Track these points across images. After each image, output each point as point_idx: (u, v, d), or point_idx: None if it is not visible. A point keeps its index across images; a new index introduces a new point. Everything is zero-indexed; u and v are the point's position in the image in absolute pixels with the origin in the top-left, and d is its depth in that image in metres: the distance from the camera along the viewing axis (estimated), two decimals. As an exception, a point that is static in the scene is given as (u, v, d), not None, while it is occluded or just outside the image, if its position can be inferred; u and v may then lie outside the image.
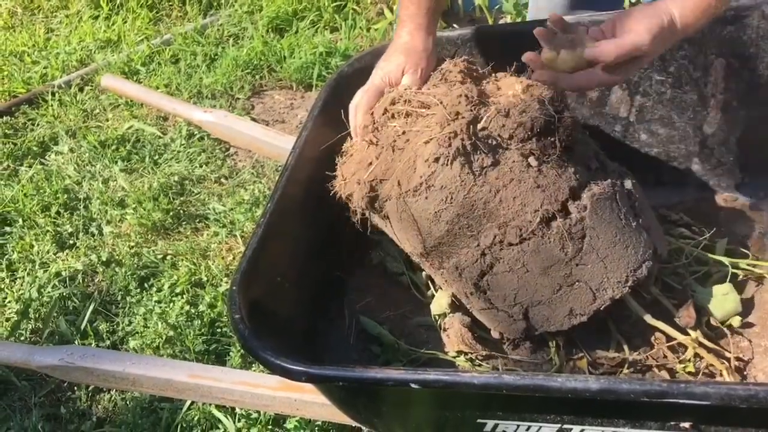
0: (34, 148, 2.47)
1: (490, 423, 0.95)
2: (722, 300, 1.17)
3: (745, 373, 1.15)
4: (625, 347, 1.16)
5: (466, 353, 1.19)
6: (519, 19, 2.51)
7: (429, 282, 1.32)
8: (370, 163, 1.16)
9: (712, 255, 1.25)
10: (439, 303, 1.25)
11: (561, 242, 1.06)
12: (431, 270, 1.18)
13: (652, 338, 1.16)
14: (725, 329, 1.18)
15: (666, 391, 0.79)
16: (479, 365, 1.18)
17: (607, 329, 1.19)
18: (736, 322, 1.19)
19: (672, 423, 0.86)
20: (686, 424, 0.85)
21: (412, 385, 0.87)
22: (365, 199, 1.16)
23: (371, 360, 1.25)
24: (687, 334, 1.14)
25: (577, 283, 1.08)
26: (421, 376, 0.87)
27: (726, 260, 1.24)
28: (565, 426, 0.91)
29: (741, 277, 1.24)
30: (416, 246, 1.14)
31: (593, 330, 1.15)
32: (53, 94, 2.68)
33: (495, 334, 1.19)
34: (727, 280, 1.21)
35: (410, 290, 1.33)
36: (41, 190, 2.24)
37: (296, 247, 1.26)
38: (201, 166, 2.33)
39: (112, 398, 1.66)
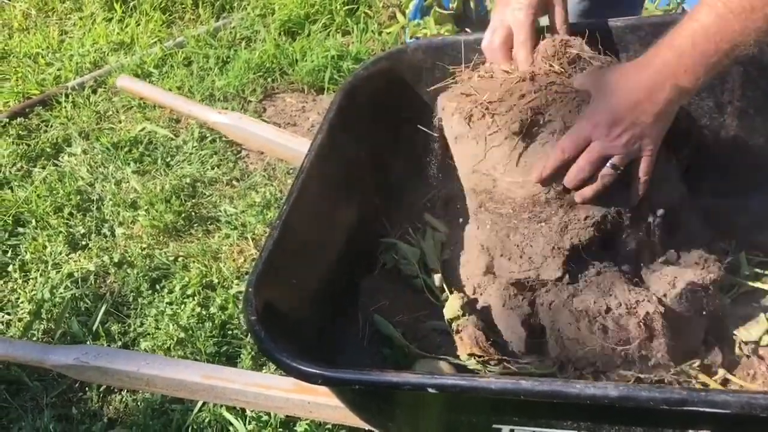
0: (48, 150, 2.49)
1: (506, 428, 0.94)
2: (752, 326, 1.15)
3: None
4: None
5: (478, 356, 1.18)
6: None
7: (443, 285, 1.31)
8: (517, 94, 1.12)
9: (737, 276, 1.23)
10: (452, 306, 1.24)
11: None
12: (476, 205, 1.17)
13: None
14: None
15: (686, 399, 0.78)
16: (491, 370, 1.18)
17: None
18: (765, 340, 1.16)
19: (690, 431, 0.86)
20: (705, 432, 0.85)
21: (429, 390, 0.87)
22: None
23: (383, 363, 1.24)
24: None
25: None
26: (438, 381, 0.87)
27: (754, 284, 1.21)
28: (582, 432, 0.91)
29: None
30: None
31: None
32: (67, 95, 2.70)
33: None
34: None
35: (424, 294, 1.33)
36: (54, 192, 2.26)
37: (311, 249, 1.25)
38: (213, 169, 2.34)
39: (123, 399, 1.66)
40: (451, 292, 1.29)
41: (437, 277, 1.32)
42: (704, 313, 1.07)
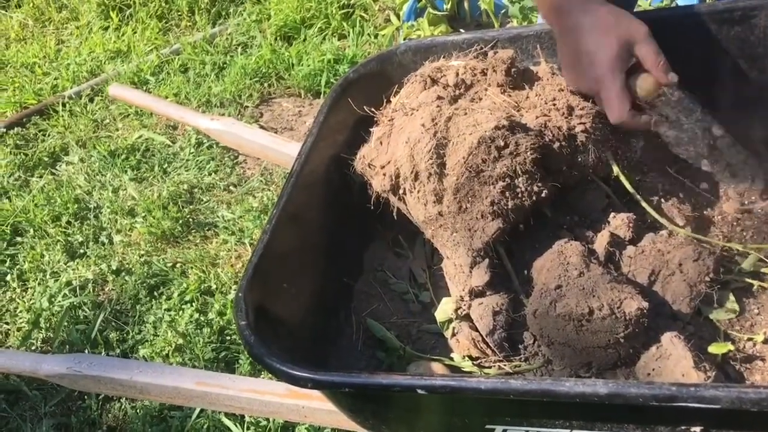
0: (45, 159, 2.49)
1: (499, 429, 0.94)
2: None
3: (756, 378, 1.13)
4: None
5: (474, 358, 1.18)
6: (525, 23, 2.51)
7: (434, 299, 1.30)
8: None
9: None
10: (444, 309, 1.24)
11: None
12: (444, 235, 1.17)
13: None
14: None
15: (675, 395, 0.77)
16: (486, 371, 1.17)
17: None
18: (760, 338, 1.16)
19: (682, 428, 0.85)
20: (696, 429, 0.84)
21: (419, 391, 0.86)
22: None
23: (379, 367, 1.24)
24: None
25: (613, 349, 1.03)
26: (428, 382, 0.86)
27: (757, 283, 1.20)
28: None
29: (756, 287, 1.22)
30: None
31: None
32: (64, 104, 2.71)
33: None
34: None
35: (415, 302, 1.32)
36: (52, 200, 2.26)
37: (303, 253, 1.25)
38: (210, 175, 2.34)
39: (122, 407, 1.66)
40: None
41: (426, 294, 1.31)
42: None
